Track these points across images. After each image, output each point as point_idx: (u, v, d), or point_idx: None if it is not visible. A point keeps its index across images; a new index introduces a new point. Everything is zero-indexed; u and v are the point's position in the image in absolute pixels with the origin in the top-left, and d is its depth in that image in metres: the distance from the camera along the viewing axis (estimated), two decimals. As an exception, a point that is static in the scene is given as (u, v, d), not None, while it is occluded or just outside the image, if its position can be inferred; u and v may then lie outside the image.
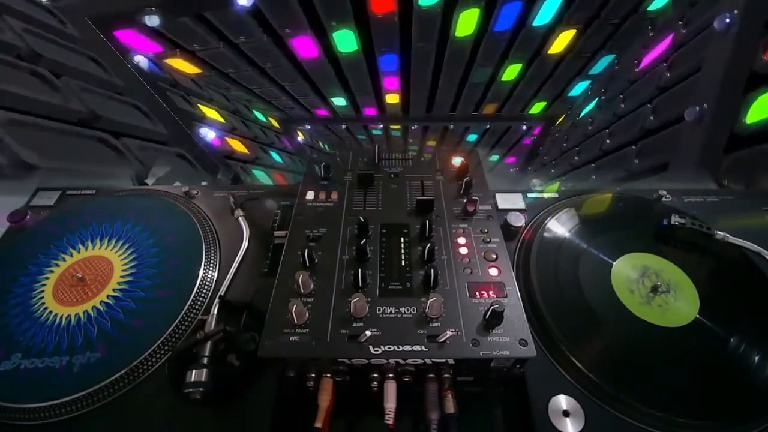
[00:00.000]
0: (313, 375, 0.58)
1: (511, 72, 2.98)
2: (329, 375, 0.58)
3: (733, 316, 0.67)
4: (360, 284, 0.61)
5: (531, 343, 0.55)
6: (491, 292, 0.61)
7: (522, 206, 0.86)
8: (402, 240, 0.69)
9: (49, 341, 0.64)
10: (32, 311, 0.68)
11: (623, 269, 0.73)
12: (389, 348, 0.55)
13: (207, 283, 0.71)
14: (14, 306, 0.69)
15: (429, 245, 0.65)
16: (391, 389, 0.57)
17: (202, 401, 0.56)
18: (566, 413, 0.57)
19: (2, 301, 0.70)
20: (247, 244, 0.78)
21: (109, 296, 0.69)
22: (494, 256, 0.66)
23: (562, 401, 0.58)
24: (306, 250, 0.64)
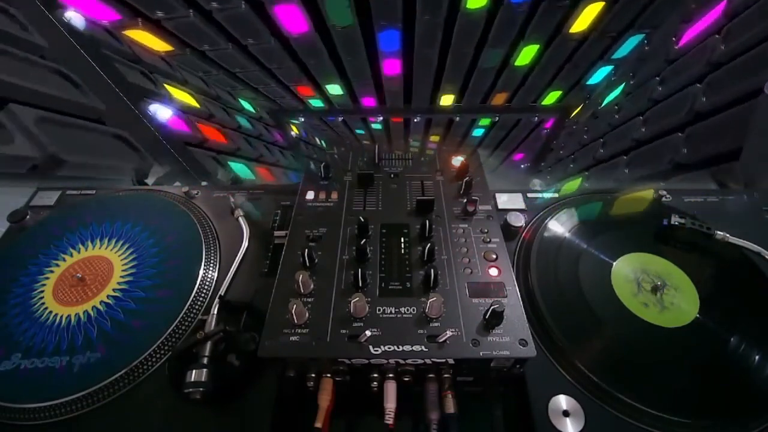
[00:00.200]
0: (313, 375, 0.58)
1: (527, 54, 2.66)
2: (329, 375, 0.58)
3: (733, 316, 0.67)
4: (360, 284, 0.61)
5: (531, 343, 0.55)
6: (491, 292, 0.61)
7: (522, 206, 0.87)
8: (402, 240, 0.69)
9: (49, 341, 0.64)
10: (32, 311, 0.68)
11: (623, 269, 0.73)
12: (389, 348, 0.55)
13: (207, 283, 0.71)
14: (14, 306, 0.69)
15: (429, 245, 0.65)
16: (391, 389, 0.57)
17: (202, 401, 0.56)
18: (566, 413, 0.57)
19: (2, 301, 0.70)
20: (247, 244, 0.78)
21: (109, 296, 0.69)
22: (494, 256, 0.66)
23: (562, 401, 0.58)
24: (306, 250, 0.64)
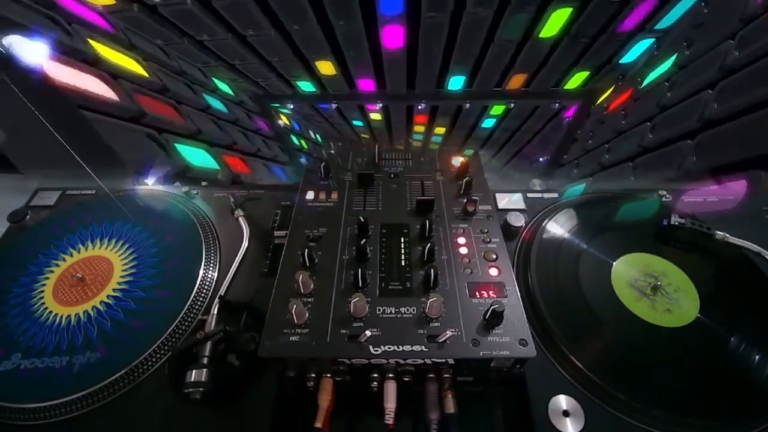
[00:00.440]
0: (313, 375, 0.58)
1: (556, 22, 2.19)
2: (329, 375, 0.58)
3: (733, 316, 0.67)
4: (360, 284, 0.61)
5: (531, 343, 0.55)
6: (491, 292, 0.61)
7: (522, 206, 0.87)
8: (402, 240, 0.69)
9: (49, 341, 0.64)
10: (32, 311, 0.68)
11: (623, 269, 0.73)
12: (389, 348, 0.55)
13: (207, 283, 0.71)
14: (14, 306, 0.69)
15: (429, 245, 0.65)
16: (391, 389, 0.57)
17: (202, 401, 0.56)
18: (566, 413, 0.57)
19: (2, 301, 0.70)
20: (247, 244, 0.78)
21: (109, 296, 0.69)
22: (494, 256, 0.66)
23: (562, 401, 0.58)
24: (306, 250, 0.64)
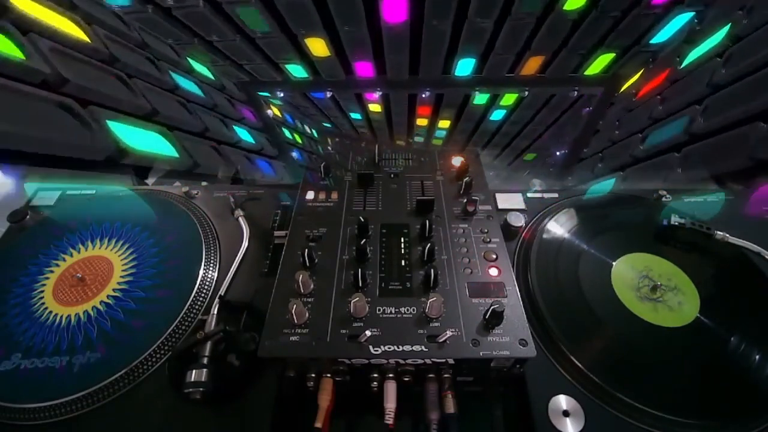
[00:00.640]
0: (313, 375, 0.58)
1: None
2: (329, 375, 0.58)
3: (734, 316, 0.67)
4: (360, 284, 0.61)
5: (531, 343, 0.55)
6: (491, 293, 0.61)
7: (522, 206, 0.87)
8: (402, 240, 0.69)
9: (49, 341, 0.64)
10: (32, 311, 0.68)
11: (623, 269, 0.73)
12: (389, 348, 0.55)
13: (207, 283, 0.71)
14: (14, 306, 0.69)
15: (429, 245, 0.65)
16: (391, 389, 0.57)
17: (202, 401, 0.56)
18: (566, 413, 0.57)
19: (2, 301, 0.70)
20: (247, 244, 0.78)
21: (109, 296, 0.69)
22: (494, 256, 0.66)
23: (562, 401, 0.58)
24: (306, 250, 0.64)
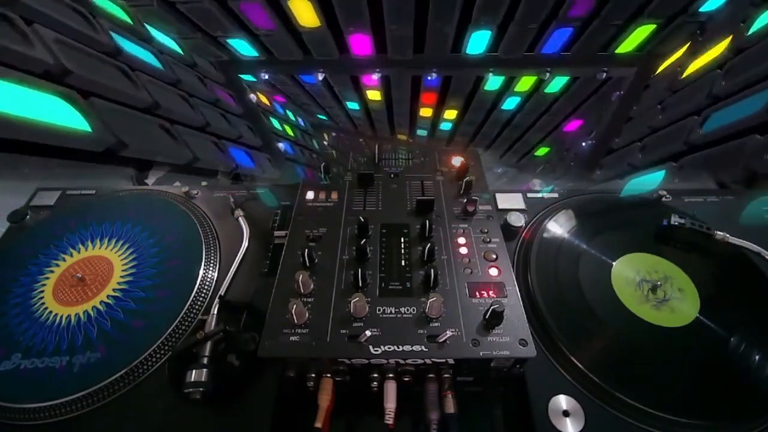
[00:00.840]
0: (313, 375, 0.58)
1: None
2: (329, 375, 0.58)
3: (734, 316, 0.67)
4: (360, 284, 0.61)
5: (531, 343, 0.55)
6: (491, 292, 0.61)
7: (522, 206, 0.87)
8: (402, 240, 0.69)
9: (49, 341, 0.64)
10: (32, 311, 0.68)
11: (623, 269, 0.73)
12: (389, 348, 0.55)
13: (207, 283, 0.71)
14: (14, 306, 0.69)
15: (429, 245, 0.65)
16: (391, 389, 0.57)
17: (202, 401, 0.56)
18: (566, 413, 0.57)
19: (2, 301, 0.70)
20: (247, 244, 0.78)
21: (109, 296, 0.69)
22: (494, 256, 0.66)
23: (562, 401, 0.58)
24: (306, 250, 0.64)
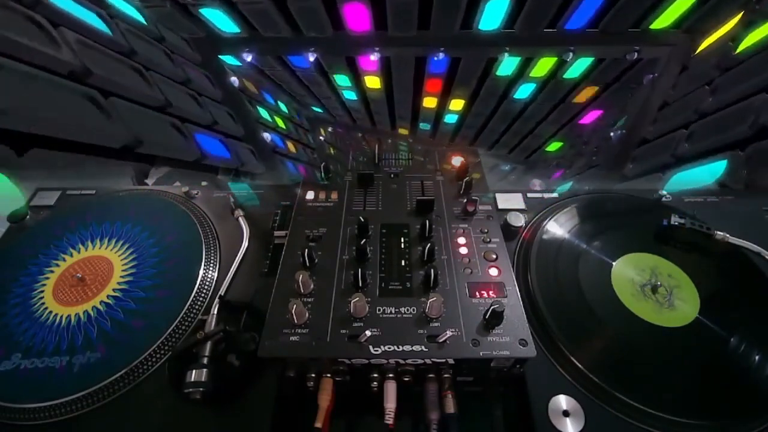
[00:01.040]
0: (313, 375, 0.58)
1: None
2: (329, 375, 0.58)
3: (734, 316, 0.67)
4: (360, 284, 0.61)
5: (531, 343, 0.55)
6: (491, 292, 0.61)
7: (522, 206, 0.87)
8: (402, 240, 0.69)
9: (49, 341, 0.64)
10: (32, 311, 0.68)
11: (623, 269, 0.73)
12: (389, 348, 0.55)
13: (207, 283, 0.71)
14: (14, 306, 0.69)
15: (429, 245, 0.65)
16: (391, 389, 0.57)
17: (202, 401, 0.56)
18: (566, 413, 0.57)
19: (2, 301, 0.70)
20: (247, 244, 0.78)
21: (109, 296, 0.69)
22: (494, 256, 0.66)
23: (562, 401, 0.58)
24: (306, 250, 0.64)
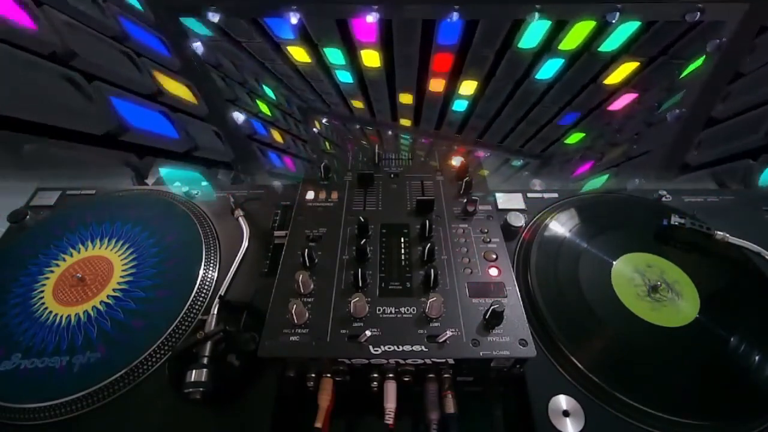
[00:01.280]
0: (313, 375, 0.58)
1: None
2: (329, 375, 0.58)
3: (734, 316, 0.67)
4: (360, 284, 0.61)
5: (531, 343, 0.55)
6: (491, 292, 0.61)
7: (522, 206, 0.87)
8: (402, 240, 0.69)
9: (49, 341, 0.64)
10: (32, 311, 0.68)
11: (623, 269, 0.73)
12: (389, 348, 0.55)
13: (207, 283, 0.71)
14: (14, 306, 0.69)
15: (429, 245, 0.65)
16: (391, 389, 0.57)
17: (202, 401, 0.56)
18: (566, 413, 0.57)
19: (2, 301, 0.70)
20: (247, 244, 0.78)
21: (109, 296, 0.69)
22: (494, 256, 0.66)
23: (562, 401, 0.58)
24: (306, 250, 0.64)
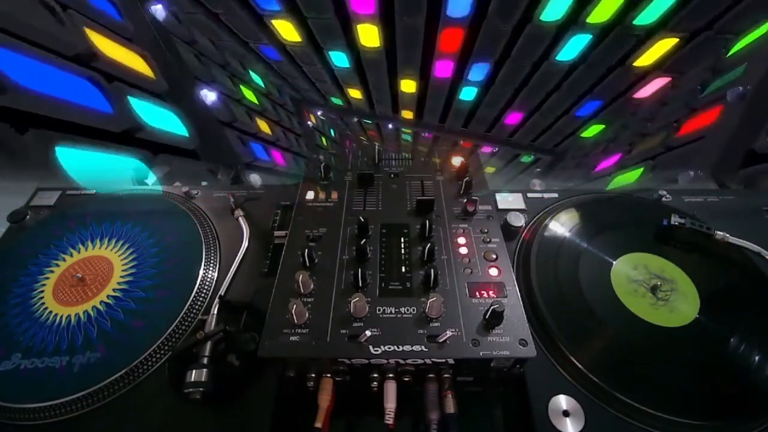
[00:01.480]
0: (313, 375, 0.58)
1: None
2: (329, 375, 0.58)
3: (734, 316, 0.67)
4: (360, 284, 0.61)
5: (531, 343, 0.55)
6: (491, 292, 0.61)
7: (522, 206, 0.87)
8: (402, 240, 0.69)
9: (49, 341, 0.64)
10: (32, 311, 0.68)
11: (623, 269, 0.73)
12: (389, 348, 0.55)
13: (207, 283, 0.71)
14: (14, 306, 0.69)
15: (429, 245, 0.65)
16: (391, 389, 0.57)
17: (202, 401, 0.56)
18: (566, 413, 0.57)
19: (2, 301, 0.70)
20: (247, 244, 0.78)
21: (109, 296, 0.69)
22: (494, 256, 0.66)
23: (562, 401, 0.58)
24: (306, 250, 0.64)
